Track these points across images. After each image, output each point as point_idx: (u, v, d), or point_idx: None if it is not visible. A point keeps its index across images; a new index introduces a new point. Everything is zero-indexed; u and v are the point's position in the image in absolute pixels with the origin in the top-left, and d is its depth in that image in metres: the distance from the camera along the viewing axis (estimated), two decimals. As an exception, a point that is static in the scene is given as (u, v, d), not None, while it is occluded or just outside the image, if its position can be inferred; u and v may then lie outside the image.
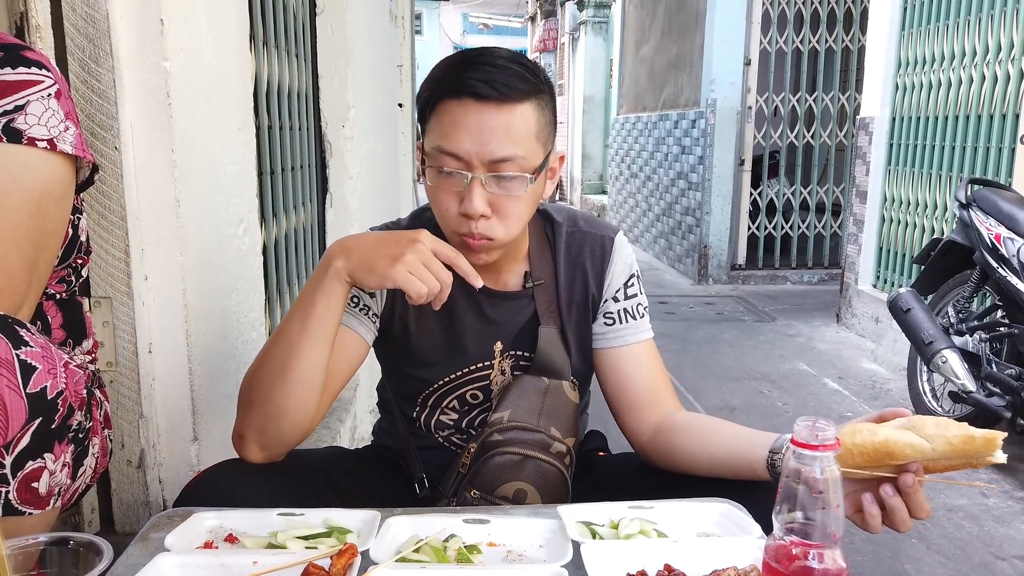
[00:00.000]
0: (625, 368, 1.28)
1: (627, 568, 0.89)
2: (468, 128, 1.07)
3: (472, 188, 1.09)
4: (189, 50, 1.38)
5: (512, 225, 1.13)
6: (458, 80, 1.08)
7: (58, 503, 0.95)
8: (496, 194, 1.10)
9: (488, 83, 1.06)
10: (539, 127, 1.12)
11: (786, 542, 0.70)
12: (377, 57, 3.14)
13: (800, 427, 0.69)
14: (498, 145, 1.07)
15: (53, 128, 0.95)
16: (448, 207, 1.12)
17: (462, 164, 1.09)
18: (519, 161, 1.09)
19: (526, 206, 1.14)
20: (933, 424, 0.92)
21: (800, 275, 6.31)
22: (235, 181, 1.61)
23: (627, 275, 1.30)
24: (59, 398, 0.89)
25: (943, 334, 2.94)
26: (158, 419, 1.35)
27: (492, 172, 1.09)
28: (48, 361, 0.88)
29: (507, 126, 1.08)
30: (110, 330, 1.29)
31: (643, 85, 8.17)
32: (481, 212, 1.09)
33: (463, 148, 1.08)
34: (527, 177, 1.10)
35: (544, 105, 1.13)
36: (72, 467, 0.97)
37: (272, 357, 1.11)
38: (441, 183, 1.12)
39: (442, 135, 1.10)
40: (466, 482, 1.22)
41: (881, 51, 4.49)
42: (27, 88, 0.94)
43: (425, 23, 18.69)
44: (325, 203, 2.63)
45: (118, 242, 1.27)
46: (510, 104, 1.08)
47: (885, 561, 2.22)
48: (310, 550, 0.91)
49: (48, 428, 0.88)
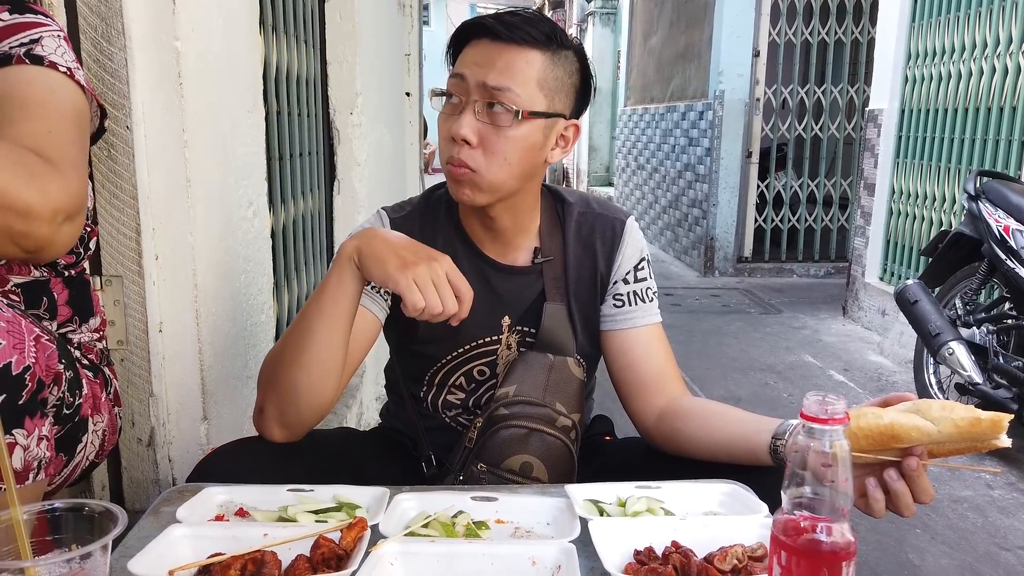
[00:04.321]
0: (633, 351, 1.28)
1: (634, 545, 0.90)
2: (475, 58, 1.16)
3: (464, 112, 1.14)
4: (200, 31, 1.39)
5: (494, 163, 1.15)
6: (478, 26, 1.17)
7: (40, 476, 0.94)
8: (485, 124, 1.14)
9: (501, 24, 1.14)
10: (545, 77, 1.16)
11: (795, 516, 0.70)
12: (385, 45, 3.14)
13: (810, 401, 0.69)
14: (495, 75, 1.13)
15: (69, 61, 0.99)
16: (444, 134, 1.17)
17: (462, 88, 1.15)
18: (510, 95, 1.13)
19: (514, 148, 1.15)
20: (939, 407, 0.92)
21: (807, 268, 6.30)
22: (244, 164, 1.62)
23: (637, 258, 1.30)
24: (26, 373, 0.87)
25: (950, 326, 2.93)
26: (168, 398, 1.36)
27: (484, 98, 1.14)
28: (15, 336, 0.87)
29: (509, 62, 1.14)
30: (121, 309, 1.30)
31: (651, 77, 8.14)
32: (464, 136, 1.13)
33: (467, 71, 1.15)
34: (513, 110, 1.13)
35: (559, 63, 1.17)
36: (56, 443, 0.96)
37: (290, 338, 1.13)
38: (444, 110, 1.18)
39: (458, 64, 1.18)
40: (473, 456, 1.23)
41: (891, 43, 4.47)
42: (38, 27, 0.99)
43: (433, 13, 18.62)
44: (333, 190, 2.64)
45: (129, 221, 1.27)
46: (517, 45, 1.14)
47: (890, 551, 2.22)
48: (320, 523, 0.92)
49: (15, 404, 0.87)
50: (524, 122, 1.14)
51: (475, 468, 1.23)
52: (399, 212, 1.29)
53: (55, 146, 0.93)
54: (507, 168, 1.16)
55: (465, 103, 1.14)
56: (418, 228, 1.27)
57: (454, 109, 1.16)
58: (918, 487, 0.94)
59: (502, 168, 1.15)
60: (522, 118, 1.14)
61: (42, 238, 0.90)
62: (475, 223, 1.26)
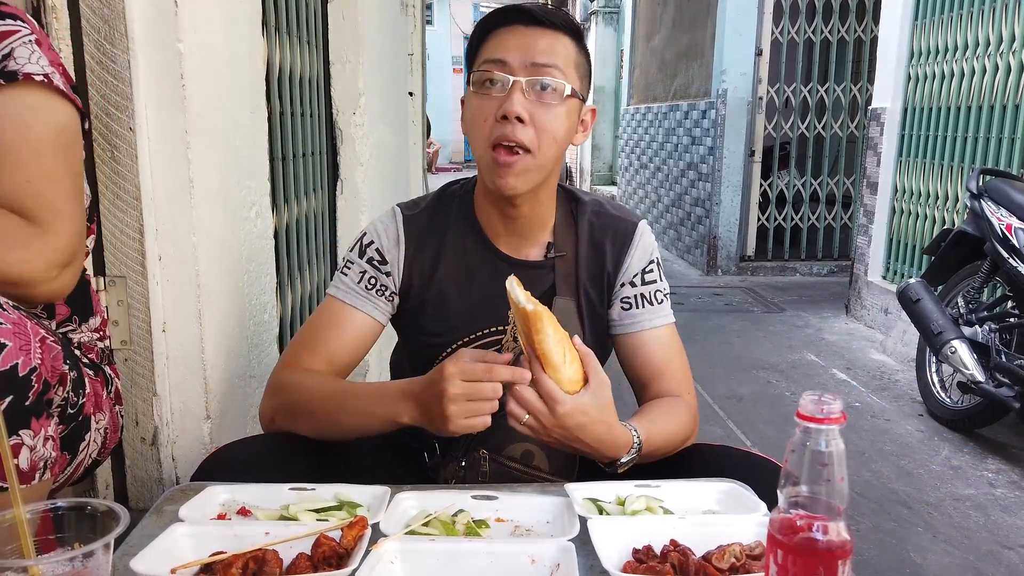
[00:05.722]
0: (639, 353, 1.29)
1: (633, 543, 0.90)
2: (516, 41, 1.17)
3: (513, 90, 1.15)
4: (203, 32, 1.39)
5: (545, 141, 1.16)
6: (508, 11, 1.19)
7: (46, 476, 0.95)
8: (534, 103, 1.15)
9: (537, 10, 1.18)
10: (577, 60, 1.20)
11: (791, 515, 0.71)
12: (388, 45, 3.15)
13: (806, 400, 0.70)
14: (540, 54, 1.16)
15: (45, 66, 0.95)
16: (486, 116, 1.17)
17: (506, 70, 1.15)
18: (558, 72, 1.16)
19: (560, 126, 1.17)
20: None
21: (809, 267, 6.29)
22: (247, 164, 1.63)
23: (646, 261, 1.31)
24: (32, 375, 0.88)
25: (952, 324, 2.93)
26: (171, 397, 1.37)
27: (533, 77, 1.15)
28: (21, 338, 0.87)
29: (550, 43, 1.17)
30: (124, 309, 1.31)
31: (653, 75, 8.14)
32: (519, 113, 1.13)
33: (509, 55, 1.16)
34: (564, 86, 1.16)
35: (582, 50, 1.22)
36: (60, 441, 0.97)
37: (324, 405, 1.17)
38: (483, 93, 1.17)
39: (490, 51, 1.18)
40: (476, 442, 1.24)
41: (893, 41, 4.46)
42: (8, 37, 0.95)
43: (436, 13, 18.63)
44: (336, 190, 2.65)
45: (132, 222, 1.28)
46: (553, 30, 1.18)
47: (891, 549, 2.22)
48: (321, 522, 0.93)
49: (22, 405, 0.87)
50: (568, 100, 1.17)
51: (477, 454, 1.24)
52: (413, 209, 1.31)
53: (36, 196, 0.91)
54: (555, 146, 1.18)
55: (511, 85, 1.15)
56: (428, 224, 1.29)
57: (493, 92, 1.16)
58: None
59: (551, 146, 1.18)
60: (568, 95, 1.17)
61: (42, 295, 0.92)
62: (493, 216, 1.27)
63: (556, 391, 1.01)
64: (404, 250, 1.27)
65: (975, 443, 2.99)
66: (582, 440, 1.04)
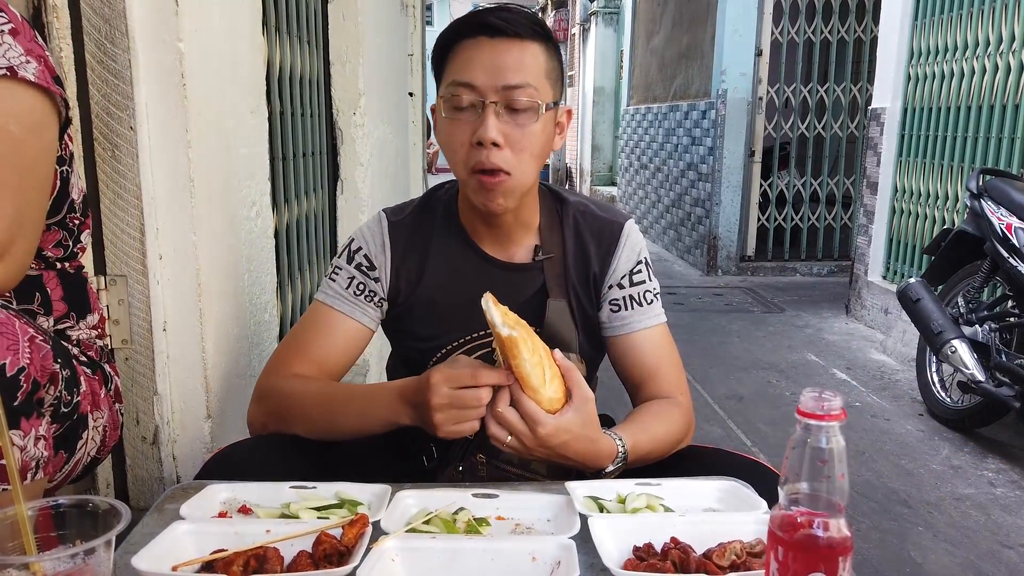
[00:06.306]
0: (629, 354, 1.28)
1: (634, 541, 0.90)
2: (482, 60, 1.13)
3: (486, 115, 1.12)
4: (203, 32, 1.40)
5: (524, 161, 1.15)
6: (471, 22, 1.14)
7: (39, 475, 0.94)
8: (508, 124, 1.13)
9: (500, 19, 1.12)
10: (548, 67, 1.17)
11: (791, 512, 0.71)
12: (388, 46, 3.15)
13: (806, 397, 0.70)
14: (511, 73, 1.12)
15: (13, 59, 0.93)
16: (462, 141, 1.14)
17: (476, 93, 1.12)
18: (530, 91, 1.13)
19: (538, 142, 1.16)
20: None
21: (809, 267, 6.29)
22: (247, 164, 1.63)
23: (634, 261, 1.29)
24: (21, 375, 0.87)
25: (952, 324, 2.93)
26: (172, 397, 1.37)
27: (505, 99, 1.12)
28: (8, 337, 0.86)
29: (519, 58, 1.13)
30: (125, 308, 1.31)
31: (653, 76, 8.14)
32: (493, 138, 1.11)
33: (477, 78, 1.12)
34: (538, 105, 1.13)
35: (552, 52, 1.18)
36: (56, 440, 0.97)
37: (319, 410, 1.17)
38: (455, 118, 1.15)
39: (457, 71, 1.14)
40: (473, 447, 1.24)
41: (893, 41, 4.46)
42: None
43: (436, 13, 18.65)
44: (336, 190, 2.65)
45: (133, 221, 1.28)
46: (520, 40, 1.13)
47: (892, 549, 2.22)
48: (322, 520, 0.93)
49: (10, 405, 0.86)
50: (544, 115, 1.15)
51: (474, 459, 1.24)
52: (398, 215, 1.30)
53: None
54: (534, 164, 1.17)
55: (483, 107, 1.12)
56: (414, 229, 1.28)
57: (466, 116, 1.14)
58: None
59: (530, 164, 1.16)
60: (544, 111, 1.14)
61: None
62: (476, 221, 1.26)
63: (537, 412, 1.01)
64: (391, 255, 1.26)
65: (975, 443, 2.99)
66: (566, 456, 1.05)
